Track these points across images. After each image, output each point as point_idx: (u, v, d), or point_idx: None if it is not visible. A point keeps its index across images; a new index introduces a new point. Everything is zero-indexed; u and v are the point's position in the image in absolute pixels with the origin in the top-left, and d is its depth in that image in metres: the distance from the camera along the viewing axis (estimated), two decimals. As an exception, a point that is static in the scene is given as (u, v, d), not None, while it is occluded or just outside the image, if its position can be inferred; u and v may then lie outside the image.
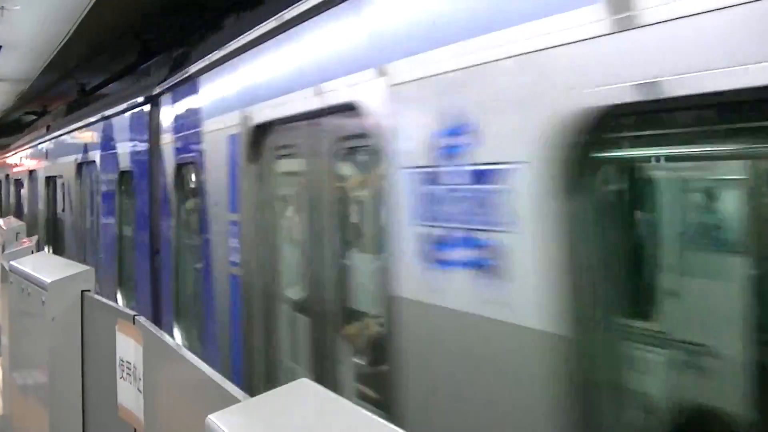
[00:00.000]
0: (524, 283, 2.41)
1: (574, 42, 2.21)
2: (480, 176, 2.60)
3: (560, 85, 2.26)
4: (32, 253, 6.55)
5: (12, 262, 5.11)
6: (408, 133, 3.03)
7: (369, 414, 1.85)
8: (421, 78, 2.94)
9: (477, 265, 2.60)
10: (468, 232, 2.64)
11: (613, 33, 2.09)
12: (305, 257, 4.15)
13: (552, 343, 2.30)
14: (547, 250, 2.33)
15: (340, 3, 3.60)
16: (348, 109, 3.42)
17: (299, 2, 3.97)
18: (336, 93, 3.55)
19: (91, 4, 8.83)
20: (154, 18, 9.40)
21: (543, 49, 2.32)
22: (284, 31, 4.21)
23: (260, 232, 4.57)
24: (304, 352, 4.18)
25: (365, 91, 3.28)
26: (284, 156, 4.53)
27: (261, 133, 4.50)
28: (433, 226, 2.85)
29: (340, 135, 3.80)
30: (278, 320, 4.53)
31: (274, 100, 4.26)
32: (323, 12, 3.79)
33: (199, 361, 2.70)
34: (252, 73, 4.71)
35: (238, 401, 2.16)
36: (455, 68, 2.74)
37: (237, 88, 4.91)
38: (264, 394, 2.08)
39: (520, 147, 2.42)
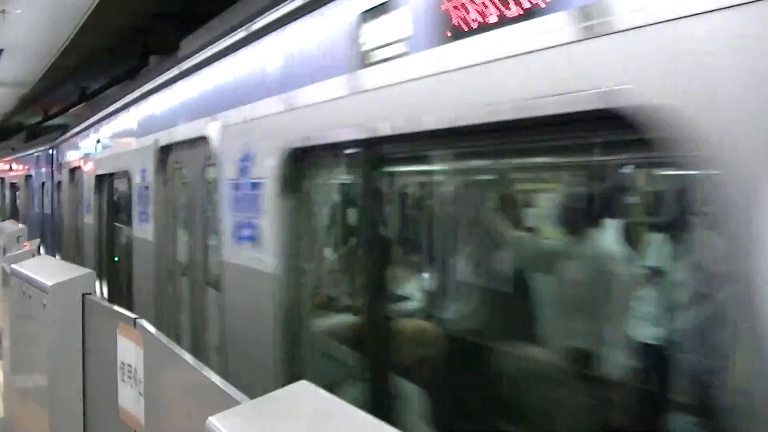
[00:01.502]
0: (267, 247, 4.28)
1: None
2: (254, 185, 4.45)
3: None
4: (33, 256, 6.56)
5: (13, 265, 5.12)
6: (228, 157, 4.89)
7: (369, 416, 1.86)
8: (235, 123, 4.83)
9: (251, 238, 4.49)
10: (249, 219, 4.49)
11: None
12: (187, 237, 6.28)
13: (273, 279, 4.17)
14: (276, 228, 4.17)
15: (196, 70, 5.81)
16: (203, 139, 5.39)
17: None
18: (196, 128, 5.59)
19: (93, 7, 8.88)
20: (155, 21, 9.44)
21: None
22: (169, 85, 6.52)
23: (165, 219, 6.72)
24: (186, 294, 6.39)
25: (211, 128, 5.24)
26: (178, 168, 6.55)
27: (165, 151, 6.63)
28: (236, 216, 4.72)
29: (204, 155, 5.57)
30: (173, 280, 6.61)
31: (170, 129, 6.38)
32: (182, 78, 6.13)
33: (200, 364, 2.72)
34: (160, 108, 7.00)
35: (239, 404, 2.17)
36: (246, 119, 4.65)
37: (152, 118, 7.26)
38: (264, 397, 2.09)
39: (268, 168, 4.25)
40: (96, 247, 10.02)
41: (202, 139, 5.42)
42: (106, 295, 9.41)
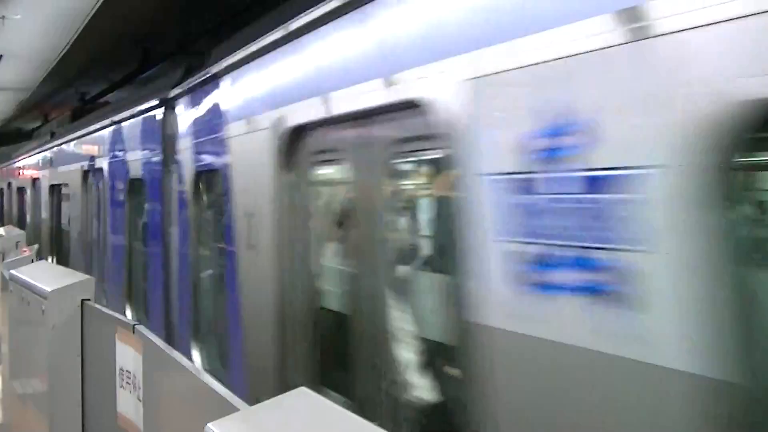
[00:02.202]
0: None
1: None
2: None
3: None
4: (32, 262, 6.56)
5: (12, 271, 5.12)
6: None
7: (367, 423, 1.86)
8: None
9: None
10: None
11: None
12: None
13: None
14: None
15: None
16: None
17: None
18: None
19: (92, 13, 8.88)
20: (155, 26, 9.45)
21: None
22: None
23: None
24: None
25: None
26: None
27: None
28: None
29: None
30: None
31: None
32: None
33: (199, 369, 2.71)
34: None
35: (237, 410, 2.17)
36: None
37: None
38: (263, 403, 2.09)
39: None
40: None
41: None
42: None
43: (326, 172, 4.34)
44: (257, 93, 4.82)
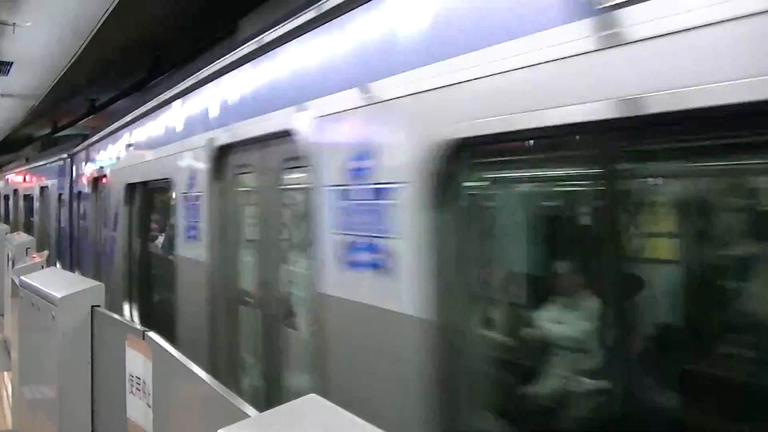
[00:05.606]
0: None
1: None
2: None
3: None
4: (42, 268, 6.59)
5: (22, 277, 5.14)
6: None
7: (377, 430, 1.85)
8: None
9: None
10: None
11: None
12: None
13: None
14: None
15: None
16: None
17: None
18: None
19: (102, 20, 8.93)
20: (165, 34, 9.49)
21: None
22: None
23: None
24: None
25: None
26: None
27: None
28: None
29: None
30: None
31: None
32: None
33: (209, 376, 2.72)
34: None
35: (248, 416, 2.17)
36: None
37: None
38: (273, 410, 2.09)
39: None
40: None
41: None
42: None
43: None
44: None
